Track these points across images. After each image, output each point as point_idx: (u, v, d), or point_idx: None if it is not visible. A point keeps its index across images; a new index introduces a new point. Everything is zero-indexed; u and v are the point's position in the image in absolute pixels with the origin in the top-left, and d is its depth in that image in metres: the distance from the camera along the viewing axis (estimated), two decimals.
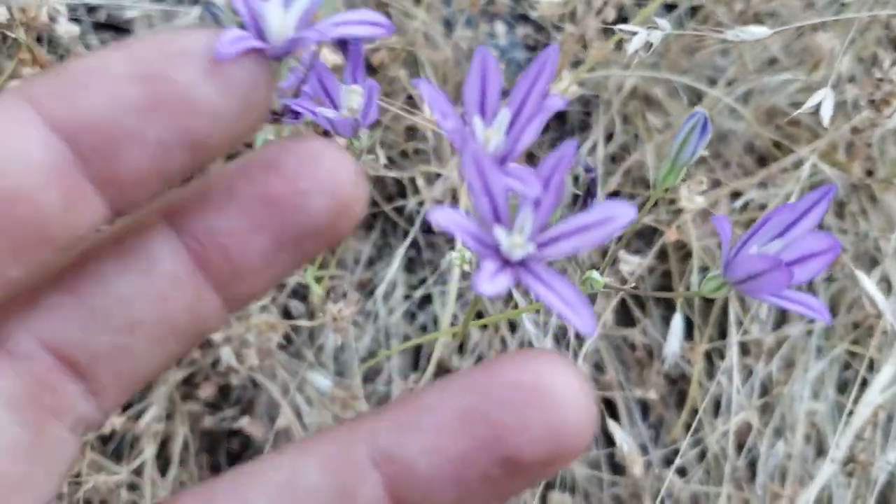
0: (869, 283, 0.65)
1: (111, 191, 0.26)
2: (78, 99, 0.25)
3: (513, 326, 0.96)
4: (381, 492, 0.27)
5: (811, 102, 0.61)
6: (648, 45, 0.57)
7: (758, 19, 1.01)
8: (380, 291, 0.94)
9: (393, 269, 0.90)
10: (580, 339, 0.88)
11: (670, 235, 0.79)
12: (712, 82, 1.02)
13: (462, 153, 0.27)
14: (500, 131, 0.29)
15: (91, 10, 0.99)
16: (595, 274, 0.40)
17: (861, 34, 0.97)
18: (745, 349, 0.92)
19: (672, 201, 0.96)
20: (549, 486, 0.92)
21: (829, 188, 0.37)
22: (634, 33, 0.57)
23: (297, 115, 0.39)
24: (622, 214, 0.26)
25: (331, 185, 0.27)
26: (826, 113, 0.61)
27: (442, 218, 0.26)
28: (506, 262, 0.28)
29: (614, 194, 1.00)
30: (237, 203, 0.28)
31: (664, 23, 0.60)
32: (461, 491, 0.26)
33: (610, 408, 0.94)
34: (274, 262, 0.28)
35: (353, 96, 0.40)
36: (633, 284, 0.94)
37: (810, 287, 0.95)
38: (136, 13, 0.96)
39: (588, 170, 0.33)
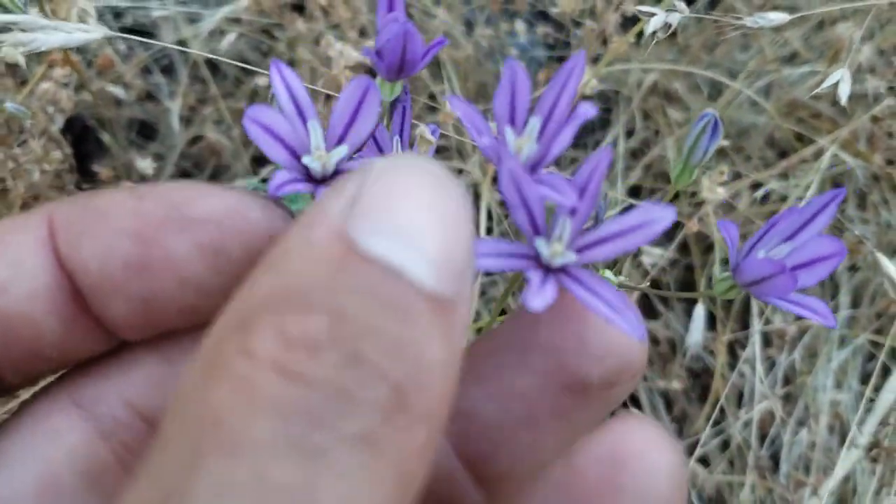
0: (891, 266, 0.65)
1: (108, 326, 0.27)
2: (83, 242, 0.26)
3: None
4: (450, 452, 0.26)
5: (828, 82, 0.62)
6: (667, 27, 0.58)
7: (777, 9, 1.01)
8: None
9: None
10: None
11: (691, 227, 0.80)
12: (733, 76, 1.02)
13: (499, 169, 0.28)
14: (532, 140, 0.30)
15: (117, 15, 1.00)
16: (609, 273, 0.41)
17: (881, 27, 0.97)
18: (767, 340, 0.93)
19: (693, 193, 0.97)
20: None
21: (838, 192, 0.38)
22: (653, 14, 0.58)
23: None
24: (662, 217, 0.27)
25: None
26: (844, 92, 0.61)
27: (487, 261, 0.27)
28: (547, 270, 0.29)
29: (635, 189, 1.01)
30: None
31: (682, 5, 0.60)
32: (533, 431, 0.26)
33: (634, 402, 0.95)
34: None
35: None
36: (649, 281, 0.95)
37: (832, 278, 0.96)
38: (162, 13, 0.97)
39: None
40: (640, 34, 1.05)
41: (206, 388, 0.19)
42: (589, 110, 0.28)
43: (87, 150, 0.95)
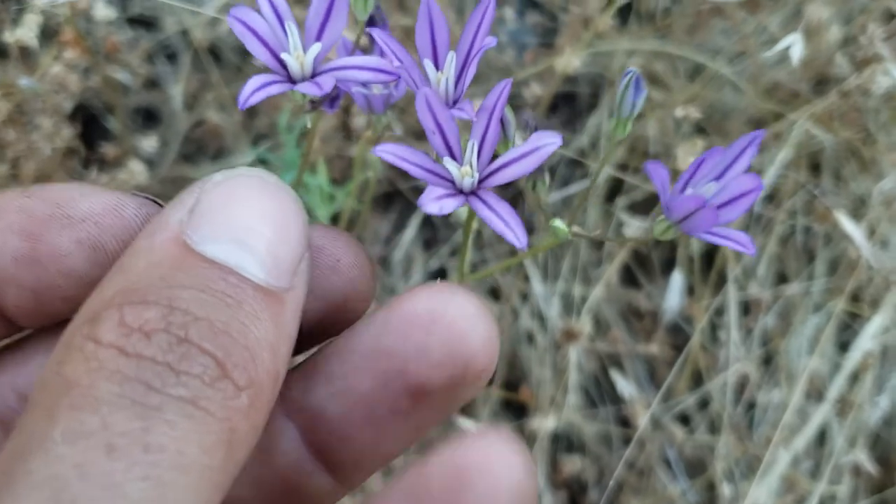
0: (849, 224, 0.69)
1: (5, 313, 0.30)
2: None
3: (524, 296, 1.01)
4: (300, 442, 0.29)
5: (780, 45, 0.66)
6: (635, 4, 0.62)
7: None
8: (397, 262, 1.00)
9: (407, 238, 0.96)
10: (584, 299, 0.94)
11: None
12: (714, 59, 1.06)
13: (416, 97, 0.32)
14: (450, 74, 0.34)
15: (124, 5, 1.05)
16: (558, 222, 0.45)
17: (861, 11, 1.01)
18: (747, 309, 0.96)
19: (674, 170, 1.01)
20: (560, 448, 0.97)
21: (756, 134, 0.42)
22: None
23: (333, 103, 0.43)
24: (550, 141, 0.32)
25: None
26: (795, 54, 0.65)
27: (388, 155, 0.31)
28: (460, 191, 0.33)
29: (623, 167, 1.05)
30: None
31: None
32: (375, 428, 0.28)
33: (619, 367, 0.99)
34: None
35: None
36: (631, 250, 0.99)
37: (809, 250, 0.99)
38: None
39: (527, 122, 0.38)
40: (626, 18, 1.09)
41: (60, 364, 0.23)
42: (490, 41, 0.33)
43: (94, 136, 1.01)
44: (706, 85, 1.01)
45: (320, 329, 0.30)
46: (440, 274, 1.05)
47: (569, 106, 1.14)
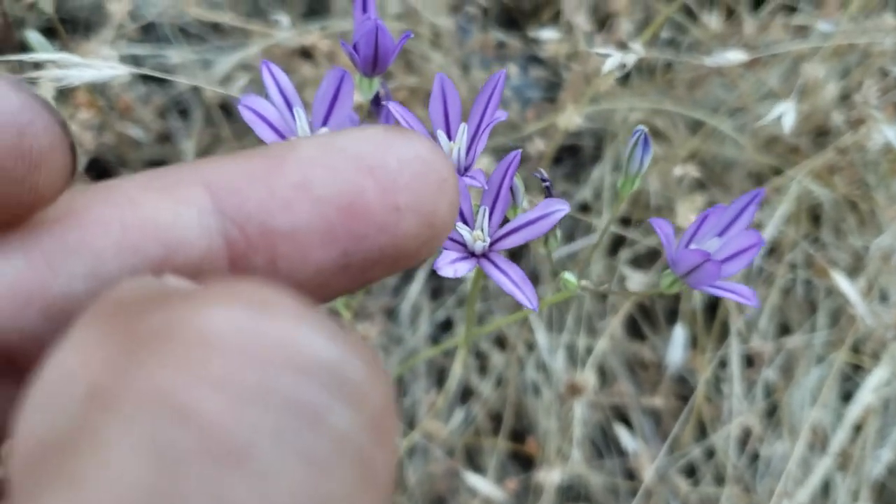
0: (843, 281, 0.71)
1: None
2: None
3: (530, 346, 1.02)
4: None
5: (773, 114, 0.68)
6: (623, 66, 0.64)
7: (752, 51, 1.08)
8: (405, 313, 1.01)
9: (414, 290, 0.97)
10: (589, 351, 0.95)
11: None
12: (714, 113, 1.08)
13: None
14: (462, 143, 0.36)
15: (137, 62, 1.08)
16: (568, 275, 0.46)
17: (857, 65, 1.03)
18: (750, 361, 0.97)
19: (675, 225, 1.03)
20: (567, 499, 0.98)
21: (757, 192, 0.44)
22: (609, 55, 0.65)
23: None
24: (558, 209, 0.33)
25: (431, 203, 0.23)
26: (787, 123, 0.67)
27: None
28: (471, 254, 0.35)
29: (625, 220, 1.07)
30: (311, 201, 0.23)
31: (638, 47, 0.67)
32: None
33: (624, 422, 1.00)
34: (331, 281, 0.23)
35: None
36: (605, 288, 1.00)
37: (811, 302, 1.00)
38: (179, 59, 1.05)
39: (543, 179, 0.40)
40: (628, 73, 1.11)
41: None
42: (500, 115, 0.34)
43: None
44: (706, 139, 1.04)
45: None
46: (447, 324, 1.07)
47: (572, 158, 1.16)
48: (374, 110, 0.46)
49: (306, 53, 1.06)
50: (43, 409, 0.16)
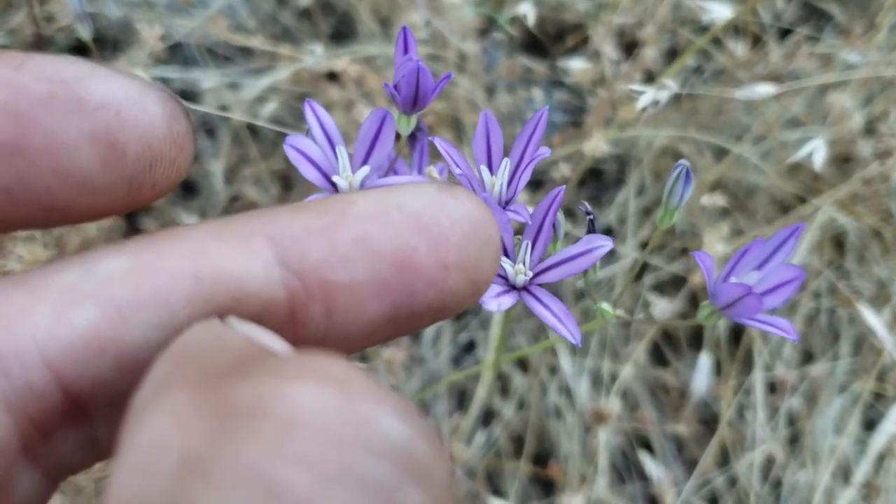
0: (869, 314, 0.71)
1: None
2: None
3: (552, 369, 1.03)
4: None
5: (804, 151, 0.68)
6: (656, 102, 0.65)
7: (777, 80, 1.08)
8: (427, 334, 1.01)
9: None
10: (614, 377, 0.95)
11: (694, 280, 0.86)
12: (738, 139, 1.09)
13: None
14: (503, 178, 0.37)
15: (166, 84, 1.10)
16: (606, 304, 0.47)
17: (881, 91, 1.04)
18: (773, 388, 0.97)
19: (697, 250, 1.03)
20: None
21: (796, 227, 0.44)
22: (643, 92, 0.65)
23: None
24: (601, 245, 0.34)
25: (476, 259, 0.24)
26: (818, 161, 0.67)
27: None
28: (512, 287, 0.35)
29: (645, 245, 1.07)
30: (368, 256, 0.23)
31: (672, 83, 0.67)
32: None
33: (646, 447, 1.00)
34: (378, 331, 0.24)
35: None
36: (635, 316, 1.00)
37: (834, 330, 1.00)
38: (208, 85, 1.06)
39: (587, 212, 0.40)
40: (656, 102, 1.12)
41: None
42: (544, 151, 0.35)
43: (135, 210, 1.04)
44: (731, 166, 1.04)
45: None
46: (469, 346, 1.07)
47: (596, 182, 1.17)
48: (410, 144, 0.47)
49: (333, 76, 1.07)
50: (136, 471, 0.17)
